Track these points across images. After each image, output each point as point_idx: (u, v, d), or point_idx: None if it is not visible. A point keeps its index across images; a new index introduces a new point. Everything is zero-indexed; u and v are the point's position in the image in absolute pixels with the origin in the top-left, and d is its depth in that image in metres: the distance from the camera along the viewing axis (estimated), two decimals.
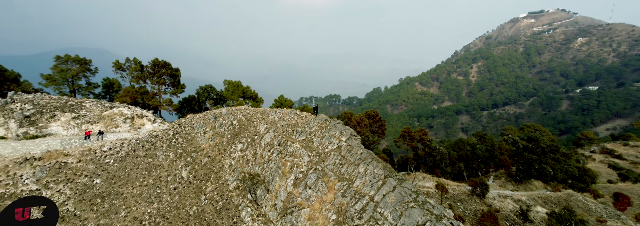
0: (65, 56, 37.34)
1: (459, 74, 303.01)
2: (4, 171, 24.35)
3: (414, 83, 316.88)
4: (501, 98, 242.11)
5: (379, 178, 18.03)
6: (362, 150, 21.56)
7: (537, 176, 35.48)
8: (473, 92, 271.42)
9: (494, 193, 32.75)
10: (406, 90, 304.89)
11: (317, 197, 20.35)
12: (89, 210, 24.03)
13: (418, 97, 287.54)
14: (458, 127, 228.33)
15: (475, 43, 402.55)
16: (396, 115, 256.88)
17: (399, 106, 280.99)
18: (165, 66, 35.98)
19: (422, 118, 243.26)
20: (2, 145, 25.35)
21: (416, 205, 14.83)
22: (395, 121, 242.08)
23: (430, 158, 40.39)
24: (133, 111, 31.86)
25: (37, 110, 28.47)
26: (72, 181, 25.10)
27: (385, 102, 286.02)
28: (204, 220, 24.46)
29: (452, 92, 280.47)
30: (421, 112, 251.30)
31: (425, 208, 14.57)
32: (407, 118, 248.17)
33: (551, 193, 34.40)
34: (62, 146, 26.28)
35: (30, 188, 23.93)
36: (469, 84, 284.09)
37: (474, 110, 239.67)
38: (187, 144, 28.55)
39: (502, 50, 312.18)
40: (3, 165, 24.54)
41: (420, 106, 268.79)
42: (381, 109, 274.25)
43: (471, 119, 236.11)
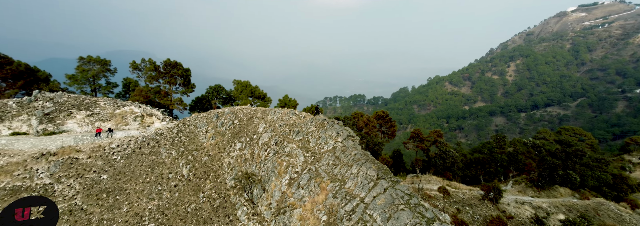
0: (88, 56, 40.51)
1: (494, 73, 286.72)
2: (23, 165, 26.68)
3: (444, 83, 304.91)
4: (543, 99, 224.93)
5: (370, 179, 17.83)
6: (357, 151, 21.29)
7: (561, 182, 32.32)
8: (510, 93, 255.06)
9: (510, 199, 30.55)
10: (435, 90, 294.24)
11: (310, 197, 20.40)
12: (95, 205, 25.50)
13: (448, 98, 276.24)
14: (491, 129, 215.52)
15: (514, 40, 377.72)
16: (423, 116, 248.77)
17: (426, 106, 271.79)
18: (176, 66, 37.51)
19: (452, 119, 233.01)
20: (22, 140, 27.85)
21: (407, 207, 14.61)
22: (423, 121, 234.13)
23: (441, 161, 38.47)
24: (143, 109, 33.53)
25: (56, 108, 30.95)
26: (82, 176, 26.83)
27: (412, 103, 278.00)
28: (201, 218, 25.01)
29: (485, 93, 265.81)
30: (451, 113, 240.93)
31: (417, 210, 14.34)
32: (435, 118, 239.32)
33: (578, 201, 31.47)
34: (75, 142, 28.24)
35: (44, 181, 25.96)
36: (505, 84, 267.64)
37: (510, 111, 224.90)
38: (189, 143, 29.35)
39: (546, 47, 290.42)
40: (22, 159, 26.92)
41: (449, 106, 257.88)
42: (407, 110, 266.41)
43: (507, 121, 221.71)
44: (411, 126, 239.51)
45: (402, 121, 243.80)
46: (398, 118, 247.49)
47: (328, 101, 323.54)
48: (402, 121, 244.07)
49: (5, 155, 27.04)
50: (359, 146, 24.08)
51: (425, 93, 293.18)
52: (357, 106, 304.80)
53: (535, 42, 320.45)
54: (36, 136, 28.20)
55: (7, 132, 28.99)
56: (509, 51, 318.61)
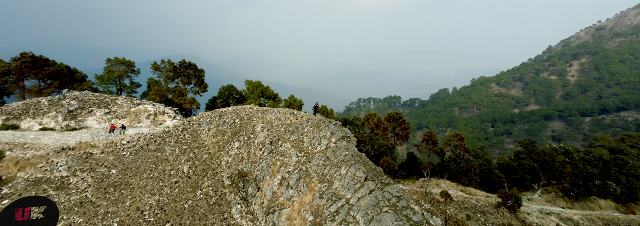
0: (115, 58, 44.71)
1: (551, 73, 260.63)
2: (45, 158, 29.91)
3: (490, 84, 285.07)
4: (615, 102, 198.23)
5: (357, 180, 17.70)
6: (347, 152, 21.04)
7: (598, 193, 27.98)
8: (571, 95, 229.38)
9: (534, 208, 27.57)
10: (479, 91, 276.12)
11: (298, 197, 20.62)
12: (102, 198, 27.57)
13: (494, 100, 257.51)
14: (546, 135, 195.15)
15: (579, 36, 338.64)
16: (465, 119, 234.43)
17: (469, 108, 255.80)
18: (190, 67, 39.64)
19: (498, 122, 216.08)
20: (48, 135, 31.31)
21: (392, 210, 14.49)
22: (464, 125, 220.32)
23: (455, 165, 35.99)
24: (156, 108, 35.80)
25: (79, 106, 34.37)
26: (94, 170, 29.25)
27: (452, 105, 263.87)
28: (197, 214, 25.88)
29: (540, 95, 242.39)
30: (497, 116, 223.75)
31: (403, 213, 14.19)
32: (479, 122, 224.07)
33: (621, 215, 27.28)
34: (91, 138, 31.02)
35: (61, 174, 28.80)
36: (565, 85, 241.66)
37: (572, 115, 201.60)
38: (191, 141, 30.52)
39: (621, 43, 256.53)
40: (45, 153, 30.20)
41: (496, 109, 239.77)
42: (447, 112, 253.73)
43: (566, 126, 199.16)
44: (451, 129, 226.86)
45: (440, 124, 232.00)
46: (436, 121, 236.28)
47: (362, 102, 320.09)
48: (441, 124, 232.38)
49: (32, 148, 30.65)
50: (353, 147, 23.69)
51: (468, 95, 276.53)
52: (392, 108, 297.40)
53: (607, 38, 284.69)
54: (60, 132, 31.54)
55: (37, 127, 32.90)
56: (572, 48, 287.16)
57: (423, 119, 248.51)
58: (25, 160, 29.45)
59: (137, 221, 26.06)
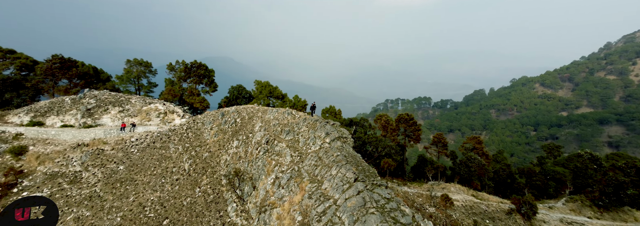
0: (134, 59, 47.82)
1: (609, 72, 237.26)
2: (63, 153, 32.51)
3: (533, 84, 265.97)
4: None
5: (346, 181, 17.82)
6: (339, 153, 21.06)
7: (631, 203, 24.59)
8: (634, 96, 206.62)
9: (554, 217, 25.44)
10: (520, 92, 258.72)
11: (289, 197, 20.94)
12: (109, 193, 29.30)
13: (537, 102, 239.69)
14: (601, 140, 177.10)
15: None
16: (503, 122, 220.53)
17: (507, 111, 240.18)
18: (200, 67, 41.25)
19: (542, 126, 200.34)
20: (67, 132, 34.02)
21: (378, 211, 14.51)
22: (501, 128, 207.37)
23: (466, 169, 33.94)
24: (166, 107, 37.54)
25: (97, 104, 37.04)
26: (104, 166, 31.24)
27: (488, 107, 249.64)
28: (194, 211, 26.69)
29: (594, 96, 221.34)
30: (541, 119, 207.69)
31: (391, 215, 14.18)
32: (519, 125, 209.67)
33: None
34: (104, 135, 33.22)
35: (75, 169, 31.12)
36: (626, 86, 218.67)
37: (634, 120, 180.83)
38: (194, 139, 31.51)
39: None
40: (63, 148, 32.83)
41: (539, 111, 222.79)
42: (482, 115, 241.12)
43: (626, 132, 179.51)
44: (486, 132, 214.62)
45: (474, 127, 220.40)
46: (469, 124, 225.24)
47: (389, 103, 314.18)
48: (475, 126, 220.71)
49: (52, 144, 33.50)
50: (348, 148, 23.63)
51: (507, 96, 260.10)
52: (421, 109, 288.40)
53: None
54: (77, 129, 34.17)
55: (59, 124, 35.93)
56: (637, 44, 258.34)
57: (455, 121, 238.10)
58: (45, 155, 32.29)
59: (138, 216, 27.34)
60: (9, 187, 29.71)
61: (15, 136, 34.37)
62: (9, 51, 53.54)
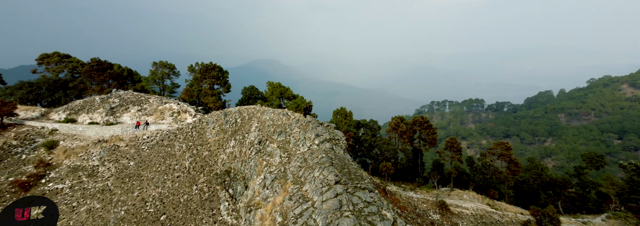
0: (159, 62, 52.28)
1: None
2: (85, 148, 36.50)
3: (618, 85, 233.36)
4: None
5: (327, 183, 17.78)
6: (325, 155, 21.06)
7: None
8: None
9: None
10: (600, 94, 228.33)
11: (273, 198, 21.38)
12: (119, 187, 32.09)
13: (625, 105, 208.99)
14: None
15: None
16: (575, 128, 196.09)
17: (581, 116, 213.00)
18: (214, 68, 43.50)
19: (630, 134, 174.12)
20: (91, 129, 38.22)
21: (353, 214, 14.50)
22: (572, 135, 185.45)
23: (480, 175, 31.37)
24: (180, 106, 40.16)
25: (120, 103, 41.04)
26: (118, 161, 34.36)
27: (556, 111, 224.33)
28: (190, 208, 28.14)
29: None
30: (628, 126, 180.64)
31: (367, 219, 14.12)
32: (597, 132, 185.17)
33: None
34: (121, 132, 36.62)
35: (94, 163, 34.72)
36: None
37: None
38: (197, 138, 33.15)
39: None
40: (86, 144, 36.86)
41: (627, 117, 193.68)
42: (548, 119, 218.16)
43: None
44: (552, 140, 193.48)
45: (537, 133, 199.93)
46: (531, 129, 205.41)
47: (435, 105, 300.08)
48: (538, 132, 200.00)
49: (78, 139, 37.84)
50: (337, 150, 23.57)
51: (582, 99, 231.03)
52: (472, 112, 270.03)
53: None
54: (100, 126, 38.21)
55: (88, 121, 40.54)
56: None
57: (513, 126, 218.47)
58: (71, 149, 36.61)
59: (139, 211, 29.49)
60: (38, 178, 34.30)
61: (51, 131, 39.64)
62: (65, 56, 62.10)
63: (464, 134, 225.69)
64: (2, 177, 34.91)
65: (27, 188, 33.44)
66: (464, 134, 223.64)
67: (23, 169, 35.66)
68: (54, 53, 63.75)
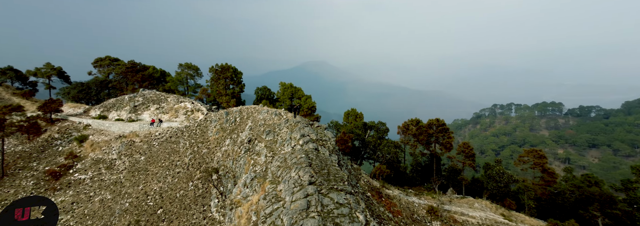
0: (185, 63, 56.60)
1: None
2: (108, 143, 40.89)
3: None
4: None
5: (299, 184, 18.23)
6: (304, 155, 21.33)
7: None
8: None
9: None
10: None
11: (252, 197, 22.07)
12: (129, 180, 35.28)
13: None
14: None
15: None
16: None
17: None
18: (228, 69, 45.78)
19: None
20: (115, 125, 42.60)
21: (319, 215, 14.70)
22: None
23: (494, 183, 29.26)
24: (194, 105, 42.93)
25: (142, 102, 45.33)
26: (132, 156, 37.82)
27: None
28: (184, 204, 29.83)
29: None
30: None
31: (335, 221, 14.29)
32: None
33: None
34: (139, 128, 40.19)
35: (113, 157, 38.67)
36: None
37: None
38: (199, 135, 34.98)
39: None
40: (109, 139, 41.29)
41: None
42: None
43: None
44: None
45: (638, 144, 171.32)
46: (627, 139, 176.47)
47: (498, 109, 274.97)
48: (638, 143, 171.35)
49: (103, 134, 42.66)
50: (323, 150, 23.91)
51: None
52: (546, 117, 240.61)
53: None
54: (123, 122, 42.68)
55: (115, 118, 45.61)
56: None
57: (602, 134, 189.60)
58: (96, 143, 41.44)
59: (141, 203, 32.06)
60: (67, 168, 39.42)
61: (85, 126, 45.41)
62: (115, 59, 70.67)
63: (533, 141, 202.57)
64: (41, 166, 41.14)
65: (57, 177, 38.83)
66: (534, 142, 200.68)
67: (57, 160, 41.46)
68: (106, 57, 72.88)
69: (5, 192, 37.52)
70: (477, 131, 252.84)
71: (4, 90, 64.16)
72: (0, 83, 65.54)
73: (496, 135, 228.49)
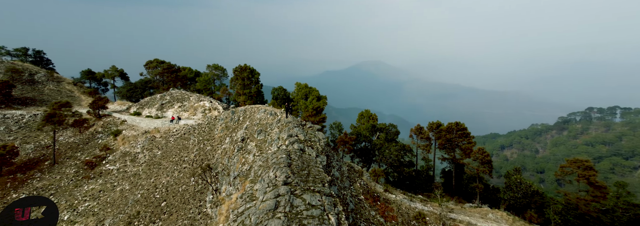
0: (213, 64, 60.79)
1: None
2: (135, 138, 45.74)
3: None
4: None
5: (273, 183, 18.85)
6: (284, 155, 21.87)
7: None
8: None
9: None
10: None
11: (234, 195, 23.59)
12: (145, 173, 39.14)
13: None
14: None
15: None
16: None
17: None
18: (246, 70, 48.19)
19: None
20: (144, 121, 47.28)
21: (286, 216, 15.32)
22: None
23: (511, 194, 27.50)
24: (212, 104, 45.96)
25: (169, 100, 49.91)
26: (151, 150, 41.86)
27: None
28: (184, 198, 32.17)
29: None
30: None
31: (302, 222, 14.89)
32: None
33: None
34: (161, 125, 44.27)
35: (136, 151, 43.16)
36: None
37: None
38: (207, 133, 37.35)
39: None
40: (137, 134, 46.17)
41: None
42: None
43: None
44: None
45: None
46: None
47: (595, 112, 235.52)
48: None
49: (134, 130, 47.84)
50: (308, 151, 24.45)
51: None
52: None
53: None
54: (150, 119, 47.61)
55: (146, 115, 51.01)
56: None
57: None
58: (127, 137, 46.78)
59: (149, 196, 35.42)
60: (101, 159, 45.24)
61: (121, 122, 51.58)
62: (161, 62, 78.55)
63: None
64: (83, 156, 47.81)
65: (92, 167, 44.80)
66: None
67: (95, 151, 47.83)
68: (154, 60, 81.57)
69: (53, 177, 44.25)
70: (564, 138, 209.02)
71: (77, 89, 75.45)
72: (76, 83, 77.33)
73: (590, 144, 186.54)
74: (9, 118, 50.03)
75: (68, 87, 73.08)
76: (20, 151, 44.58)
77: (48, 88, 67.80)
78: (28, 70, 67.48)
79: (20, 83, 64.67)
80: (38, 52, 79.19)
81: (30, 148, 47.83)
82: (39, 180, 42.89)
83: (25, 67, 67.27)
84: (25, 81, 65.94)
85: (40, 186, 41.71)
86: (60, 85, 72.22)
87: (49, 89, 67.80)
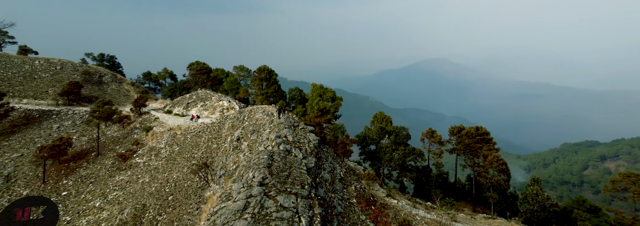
0: (240, 66, 64.35)
1: None
2: (162, 134, 50.49)
3: None
4: None
5: (249, 184, 19.48)
6: (265, 156, 22.39)
7: None
8: None
9: None
10: None
11: (216, 194, 24.81)
12: (163, 167, 43.14)
13: None
14: None
15: None
16: None
17: None
18: (264, 71, 50.45)
19: None
20: (171, 119, 51.48)
21: (253, 217, 15.88)
22: None
23: (527, 205, 27.04)
24: (230, 104, 48.86)
25: (194, 100, 54.32)
26: (172, 146, 46.04)
27: None
28: (187, 193, 34.89)
29: None
30: None
31: (270, 224, 15.41)
32: None
33: None
34: (183, 122, 48.41)
35: (160, 146, 47.66)
36: None
37: None
38: (216, 132, 39.79)
39: None
40: (163, 130, 50.76)
41: None
42: None
43: None
44: None
45: None
46: None
47: None
48: None
49: (161, 126, 52.78)
50: (295, 152, 24.77)
51: None
52: None
53: None
54: (176, 117, 52.36)
55: (175, 113, 56.35)
56: None
57: None
58: (155, 134, 51.91)
59: (161, 189, 38.97)
60: (132, 153, 51.15)
61: (154, 119, 57.29)
62: (199, 64, 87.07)
63: None
64: (120, 149, 54.89)
65: (125, 159, 50.60)
66: None
67: (129, 145, 54.39)
68: (196, 62, 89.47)
69: (95, 167, 51.02)
70: None
71: (133, 89, 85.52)
72: (133, 83, 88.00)
73: None
74: (76, 113, 58.60)
75: (126, 87, 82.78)
76: (77, 143, 52.21)
77: (111, 88, 77.65)
78: (98, 72, 77.95)
79: (91, 84, 74.96)
80: (111, 57, 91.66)
81: (85, 140, 55.31)
82: (85, 169, 49.51)
83: (96, 70, 77.83)
84: (95, 81, 76.29)
85: (84, 175, 48.12)
86: (121, 85, 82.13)
87: (111, 89, 77.62)
